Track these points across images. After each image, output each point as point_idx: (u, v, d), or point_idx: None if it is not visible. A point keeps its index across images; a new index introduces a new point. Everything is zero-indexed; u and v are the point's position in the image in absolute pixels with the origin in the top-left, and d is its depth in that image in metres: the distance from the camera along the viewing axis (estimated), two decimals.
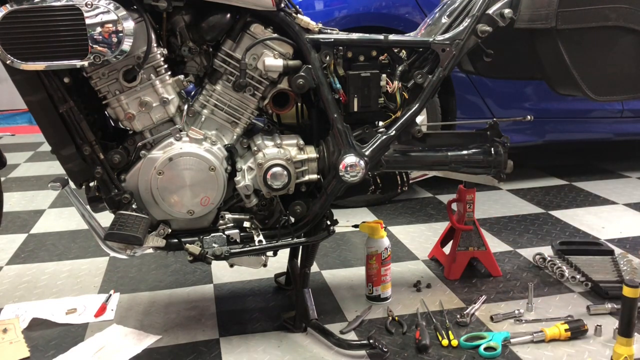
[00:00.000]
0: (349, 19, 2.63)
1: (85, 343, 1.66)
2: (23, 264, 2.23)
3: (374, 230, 1.83)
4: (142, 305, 1.88)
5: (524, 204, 2.81)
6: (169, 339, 1.68)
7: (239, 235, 1.54)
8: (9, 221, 2.70)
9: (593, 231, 2.45)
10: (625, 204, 2.78)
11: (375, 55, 1.57)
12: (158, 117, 1.46)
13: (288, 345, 1.63)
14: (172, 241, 1.53)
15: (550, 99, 2.91)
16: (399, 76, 1.58)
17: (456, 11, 1.66)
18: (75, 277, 2.11)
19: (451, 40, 1.56)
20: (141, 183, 1.47)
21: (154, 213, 1.50)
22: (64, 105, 1.39)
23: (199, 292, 1.97)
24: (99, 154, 1.43)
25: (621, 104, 3.04)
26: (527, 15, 1.57)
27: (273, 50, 1.48)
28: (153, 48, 1.40)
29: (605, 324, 1.67)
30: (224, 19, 1.44)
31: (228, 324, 1.75)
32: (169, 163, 1.45)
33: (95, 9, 1.29)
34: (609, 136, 3.18)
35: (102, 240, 1.47)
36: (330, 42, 1.50)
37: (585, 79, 1.61)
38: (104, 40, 1.30)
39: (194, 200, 1.47)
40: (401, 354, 1.58)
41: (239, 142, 1.54)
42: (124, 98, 1.42)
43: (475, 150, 1.72)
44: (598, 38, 1.58)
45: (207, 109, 1.51)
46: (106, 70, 1.40)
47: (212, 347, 1.63)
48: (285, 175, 1.50)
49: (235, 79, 1.48)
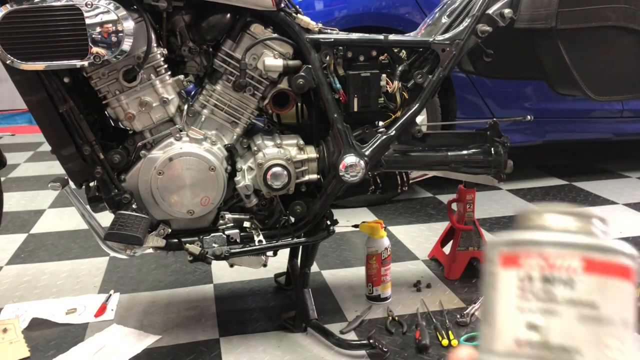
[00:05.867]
0: (349, 19, 2.62)
1: (85, 343, 1.66)
2: (23, 264, 2.23)
3: (374, 230, 1.83)
4: (142, 305, 1.88)
5: (524, 204, 2.82)
6: (169, 338, 1.67)
7: (239, 235, 1.54)
8: (9, 221, 2.70)
9: None
10: (625, 204, 2.78)
11: (375, 55, 1.57)
12: (158, 117, 1.46)
13: (288, 345, 1.63)
14: (172, 241, 1.52)
15: (550, 99, 2.91)
16: (399, 76, 1.58)
17: (456, 11, 1.66)
18: (75, 277, 2.11)
19: (451, 40, 1.56)
20: (141, 183, 1.46)
21: (154, 213, 1.50)
22: (64, 105, 1.39)
23: (199, 292, 1.97)
24: (99, 154, 1.43)
25: (621, 104, 3.03)
26: (527, 15, 1.57)
27: (273, 50, 1.48)
28: (153, 48, 1.40)
29: None
30: (224, 18, 1.44)
31: (228, 324, 1.75)
32: (169, 163, 1.45)
33: (95, 9, 1.29)
34: (609, 136, 3.18)
35: (102, 240, 1.47)
36: (330, 42, 1.50)
37: (585, 78, 1.61)
38: (104, 40, 1.30)
39: (194, 200, 1.47)
40: (401, 354, 1.57)
41: (239, 142, 1.54)
42: (124, 98, 1.42)
43: (475, 150, 1.72)
44: (598, 38, 1.58)
45: (207, 109, 1.51)
46: (106, 70, 1.39)
47: (212, 347, 1.63)
48: (285, 175, 1.50)
49: (235, 79, 1.48)
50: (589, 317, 0.29)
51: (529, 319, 0.29)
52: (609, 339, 0.29)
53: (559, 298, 0.29)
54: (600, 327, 0.29)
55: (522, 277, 0.30)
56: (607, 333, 0.29)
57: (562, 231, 0.31)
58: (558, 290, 0.29)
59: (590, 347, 0.28)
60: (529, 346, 0.29)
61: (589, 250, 0.29)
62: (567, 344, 0.28)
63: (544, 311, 0.29)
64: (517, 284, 0.30)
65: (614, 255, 0.29)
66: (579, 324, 0.29)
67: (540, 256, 0.29)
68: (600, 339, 0.29)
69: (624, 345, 0.29)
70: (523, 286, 0.30)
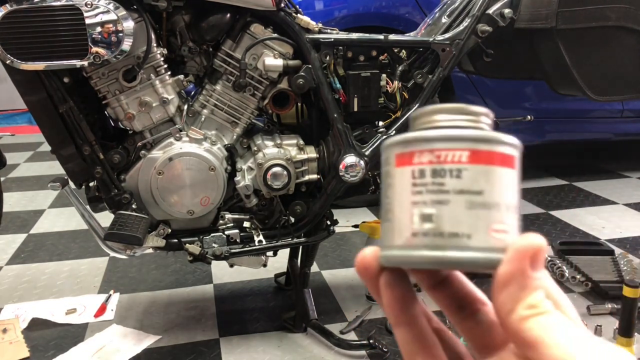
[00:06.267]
0: (349, 18, 2.62)
1: (85, 343, 1.66)
2: (23, 264, 2.23)
3: (374, 230, 1.83)
4: (141, 305, 1.88)
5: (523, 203, 2.81)
6: (168, 339, 1.67)
7: (239, 235, 1.54)
8: (9, 221, 2.70)
9: (593, 231, 2.45)
10: (625, 204, 2.78)
11: (375, 55, 1.57)
12: (158, 117, 1.45)
13: (288, 346, 1.63)
14: (172, 241, 1.52)
15: (550, 99, 2.90)
16: (399, 76, 1.57)
17: (456, 11, 1.66)
18: (75, 277, 2.11)
19: (451, 40, 1.56)
20: (141, 183, 1.46)
21: (154, 213, 1.50)
22: (64, 105, 1.39)
23: (199, 292, 1.97)
24: (98, 154, 1.43)
25: (621, 104, 3.03)
26: (527, 15, 1.57)
27: (273, 50, 1.48)
28: (153, 48, 1.40)
29: (605, 324, 1.66)
30: (223, 18, 1.44)
31: (228, 324, 1.75)
32: (169, 163, 1.45)
33: (95, 9, 1.29)
34: (609, 136, 3.18)
35: (101, 240, 1.47)
36: (330, 42, 1.50)
37: (585, 78, 1.61)
38: (104, 40, 1.30)
39: (194, 200, 1.47)
40: (401, 354, 1.57)
41: (239, 142, 1.54)
42: (123, 98, 1.42)
43: None
44: (598, 38, 1.58)
45: (207, 109, 1.50)
46: (106, 70, 1.39)
47: (212, 347, 1.63)
48: (285, 175, 1.50)
49: (235, 79, 1.48)
50: (477, 204, 0.30)
51: (422, 210, 0.31)
52: (496, 223, 0.31)
53: (449, 188, 0.31)
54: (487, 212, 0.31)
55: (415, 173, 0.31)
56: (493, 218, 0.31)
57: (451, 127, 0.32)
58: (447, 180, 0.31)
59: (478, 231, 0.30)
60: (424, 235, 0.31)
61: (475, 142, 0.31)
62: (458, 230, 0.30)
63: (436, 202, 0.31)
64: (411, 181, 0.32)
65: (497, 146, 0.31)
66: (467, 211, 0.30)
67: (431, 152, 0.31)
68: (488, 224, 0.31)
69: (509, 228, 0.31)
70: (416, 182, 0.31)
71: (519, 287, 0.30)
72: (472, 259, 0.31)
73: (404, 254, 0.32)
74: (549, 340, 0.28)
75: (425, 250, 0.31)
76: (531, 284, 0.30)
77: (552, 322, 0.29)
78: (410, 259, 0.31)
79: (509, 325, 0.30)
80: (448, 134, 0.31)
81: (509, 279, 0.30)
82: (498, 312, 0.30)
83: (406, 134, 0.32)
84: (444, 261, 0.31)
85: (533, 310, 0.29)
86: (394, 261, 0.32)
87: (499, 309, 0.30)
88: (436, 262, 0.31)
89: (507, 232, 0.31)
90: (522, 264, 0.30)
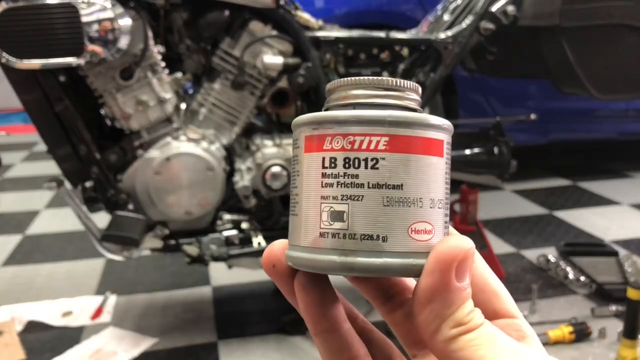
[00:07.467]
0: (350, 16, 2.60)
1: (82, 346, 1.64)
2: (19, 266, 2.21)
3: None
4: (139, 308, 1.86)
5: (527, 204, 2.79)
6: (166, 342, 1.65)
7: (238, 236, 1.52)
8: (5, 222, 2.68)
9: (597, 232, 2.42)
10: (630, 205, 2.75)
11: (377, 53, 1.55)
12: (155, 116, 1.43)
13: (287, 349, 1.61)
14: (169, 242, 1.51)
15: (554, 98, 2.88)
16: (401, 74, 1.56)
17: (459, 8, 1.64)
18: (72, 278, 2.09)
19: (453, 38, 1.54)
20: (138, 183, 1.44)
21: (151, 214, 1.48)
22: (60, 104, 1.37)
23: (197, 294, 1.95)
24: (95, 154, 1.41)
25: (626, 103, 3.01)
26: (530, 13, 1.55)
27: (272, 48, 1.46)
28: (150, 46, 1.38)
29: (609, 326, 1.64)
30: (222, 16, 1.42)
31: (226, 327, 1.73)
32: (167, 163, 1.43)
33: (91, 6, 1.27)
34: (614, 136, 3.16)
35: (98, 241, 1.45)
36: (331, 40, 1.48)
37: (590, 77, 1.59)
38: (101, 38, 1.28)
39: (192, 200, 1.45)
40: None
41: (238, 142, 1.52)
42: (120, 97, 1.40)
43: (479, 150, 1.69)
44: (602, 36, 1.56)
45: (205, 107, 1.48)
46: (102, 69, 1.37)
47: (210, 350, 1.61)
48: (285, 176, 1.48)
49: (234, 78, 1.46)
50: (395, 200, 0.27)
51: (332, 207, 0.27)
52: (417, 222, 0.27)
53: (363, 181, 0.27)
54: (406, 209, 0.27)
55: (325, 161, 0.27)
56: (414, 216, 0.27)
57: (369, 105, 0.28)
58: (362, 172, 0.27)
59: (396, 232, 0.27)
60: (333, 236, 0.27)
61: (395, 126, 0.27)
62: (372, 232, 0.27)
63: (348, 197, 0.27)
64: (321, 171, 0.28)
65: (421, 129, 0.27)
66: (384, 208, 0.27)
67: (344, 136, 0.27)
68: (407, 223, 0.27)
69: (433, 227, 0.27)
70: (326, 172, 0.27)
71: (443, 304, 0.26)
72: (388, 266, 0.27)
73: (309, 257, 0.28)
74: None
75: (333, 254, 0.27)
76: (457, 298, 0.26)
77: (481, 339, 0.25)
78: (317, 264, 0.28)
79: (434, 347, 0.26)
80: (364, 115, 0.27)
81: (431, 295, 0.26)
82: (422, 331, 0.27)
83: (317, 113, 0.28)
84: (355, 268, 0.27)
85: (460, 328, 0.26)
86: (298, 263, 0.29)
87: (422, 328, 0.26)
88: (346, 268, 0.27)
89: (431, 232, 0.27)
90: (445, 277, 0.26)
